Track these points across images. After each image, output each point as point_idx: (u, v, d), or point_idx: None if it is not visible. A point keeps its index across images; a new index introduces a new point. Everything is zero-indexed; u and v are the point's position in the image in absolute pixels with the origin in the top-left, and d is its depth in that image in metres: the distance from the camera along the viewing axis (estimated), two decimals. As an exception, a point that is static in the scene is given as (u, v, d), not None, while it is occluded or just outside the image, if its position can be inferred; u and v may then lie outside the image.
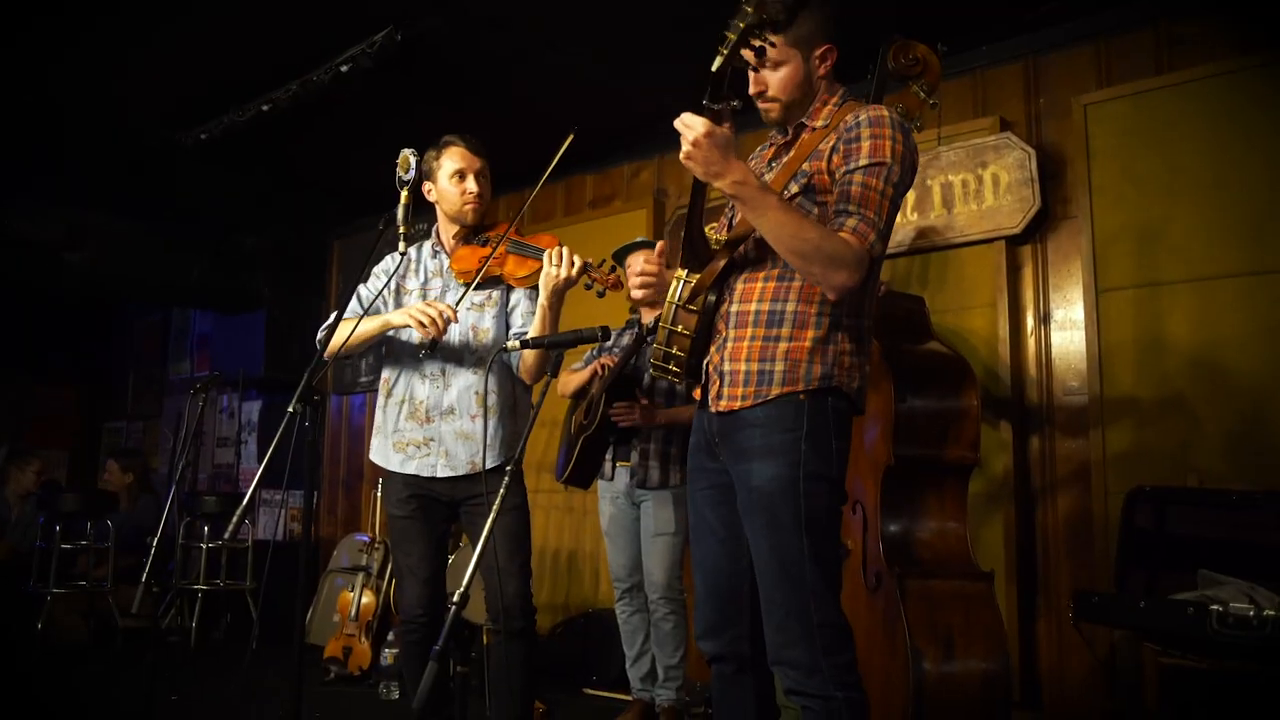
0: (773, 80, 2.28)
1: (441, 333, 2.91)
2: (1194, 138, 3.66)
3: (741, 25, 1.94)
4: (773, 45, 2.16)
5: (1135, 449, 3.71)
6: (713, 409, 2.25)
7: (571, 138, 2.94)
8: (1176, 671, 2.96)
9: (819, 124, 2.28)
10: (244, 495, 2.49)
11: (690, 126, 2.01)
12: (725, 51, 1.95)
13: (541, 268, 2.88)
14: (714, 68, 1.97)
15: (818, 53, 2.28)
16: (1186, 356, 3.63)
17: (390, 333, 3.09)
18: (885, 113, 2.19)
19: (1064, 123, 4.00)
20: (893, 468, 3.19)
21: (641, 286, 2.41)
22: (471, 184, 3.09)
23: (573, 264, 2.84)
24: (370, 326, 2.99)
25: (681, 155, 2.04)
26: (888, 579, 3.09)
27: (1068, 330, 3.97)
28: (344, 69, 4.41)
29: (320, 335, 3.05)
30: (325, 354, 2.86)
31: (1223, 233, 3.58)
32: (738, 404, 2.19)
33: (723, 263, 2.27)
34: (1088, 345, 3.85)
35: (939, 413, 3.31)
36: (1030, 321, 4.06)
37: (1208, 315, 3.59)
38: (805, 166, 2.22)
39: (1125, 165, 3.81)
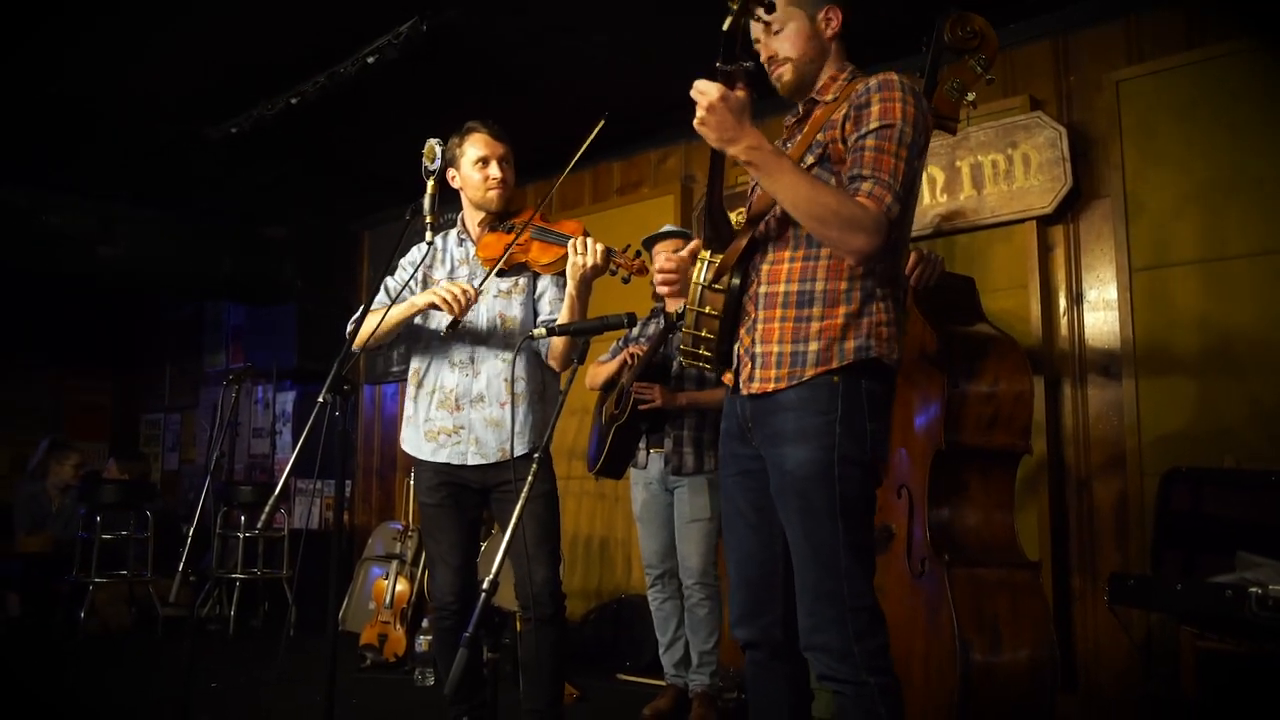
0: (779, 43, 2.27)
1: (463, 311, 2.91)
2: (1227, 113, 3.60)
3: None
4: (773, 8, 2.16)
5: (1171, 430, 3.66)
6: (744, 392, 2.24)
7: (602, 123, 2.93)
8: (1214, 655, 2.93)
9: (829, 98, 2.27)
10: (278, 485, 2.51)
11: (704, 92, 2.01)
12: (735, 7, 1.95)
13: (565, 254, 2.89)
14: (725, 26, 1.96)
15: (822, 13, 2.27)
16: (1223, 335, 3.58)
17: (418, 320, 3.11)
18: (894, 76, 2.17)
19: (1095, 100, 3.95)
20: (943, 453, 3.12)
21: (664, 284, 2.39)
22: (495, 170, 3.09)
23: (598, 252, 2.84)
24: (398, 312, 3.00)
25: (695, 121, 2.04)
26: (935, 565, 3.05)
27: (1101, 310, 3.93)
28: (370, 60, 4.44)
29: (349, 328, 3.07)
30: (354, 345, 2.88)
31: (1259, 209, 3.52)
32: (770, 386, 2.17)
33: (745, 240, 2.25)
34: (1121, 326, 3.81)
35: (991, 397, 3.24)
36: (1063, 302, 4.01)
37: (1245, 294, 3.54)
38: (819, 137, 2.21)
39: (1158, 142, 3.76)
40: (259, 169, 6.34)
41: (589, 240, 2.86)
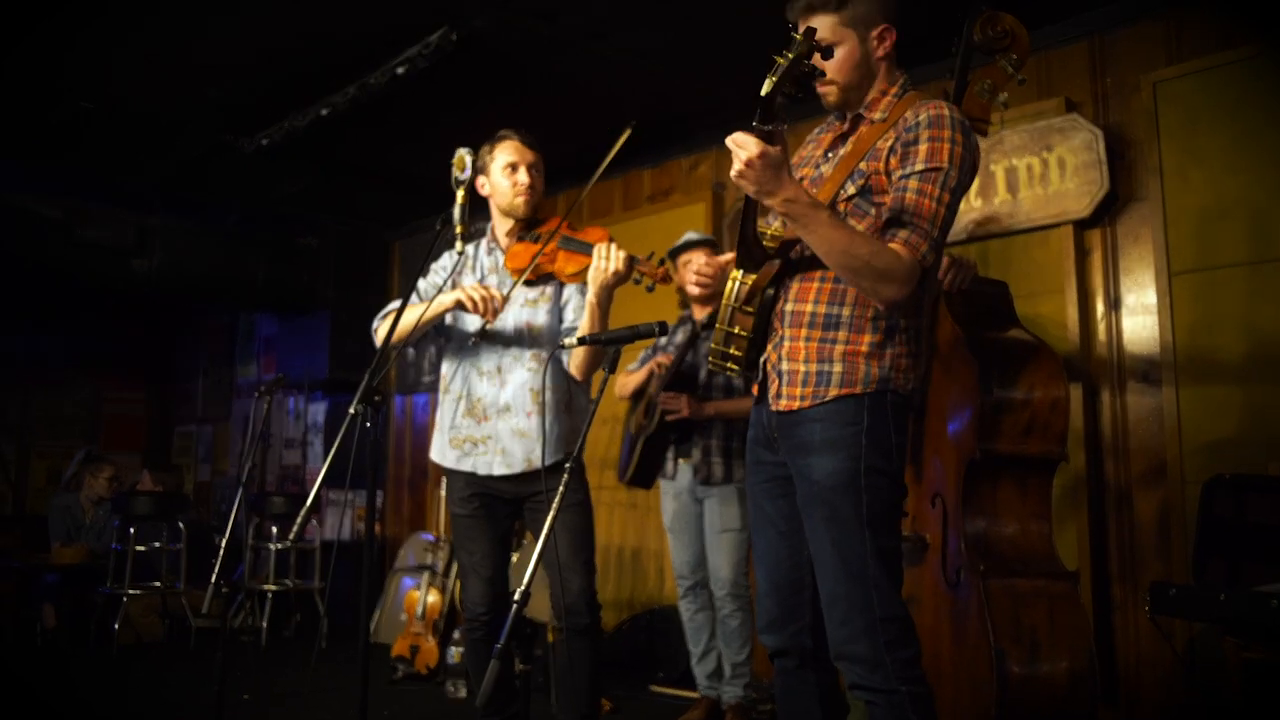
0: (830, 63, 2.21)
1: (491, 315, 2.91)
2: (1268, 113, 3.53)
3: (790, 56, 1.91)
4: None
5: (1213, 436, 3.60)
6: (772, 408, 2.24)
7: (629, 132, 2.91)
8: (1260, 666, 2.87)
9: (877, 116, 2.24)
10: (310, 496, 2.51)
11: (743, 147, 1.99)
12: (775, 79, 1.93)
13: (590, 264, 2.87)
14: (763, 92, 1.94)
15: (875, 33, 2.24)
16: (1264, 339, 3.51)
17: (449, 319, 3.10)
18: (946, 111, 2.14)
19: (1132, 102, 3.89)
20: (978, 461, 3.06)
21: (698, 284, 2.39)
22: (523, 176, 3.09)
23: (620, 259, 2.82)
24: (427, 313, 2.98)
25: (733, 174, 2.02)
26: (970, 575, 2.99)
27: (1139, 315, 3.86)
28: (400, 70, 4.45)
29: (375, 323, 3.07)
30: (384, 342, 2.85)
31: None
32: (796, 404, 2.18)
33: (778, 265, 2.24)
34: (1161, 330, 3.75)
35: (1026, 404, 3.18)
36: (1100, 307, 3.95)
37: (1288, 297, 3.47)
38: (863, 166, 2.19)
39: (1197, 144, 3.69)
40: (291, 180, 6.39)
41: (612, 246, 2.85)
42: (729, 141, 2.01)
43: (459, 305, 2.97)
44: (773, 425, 2.26)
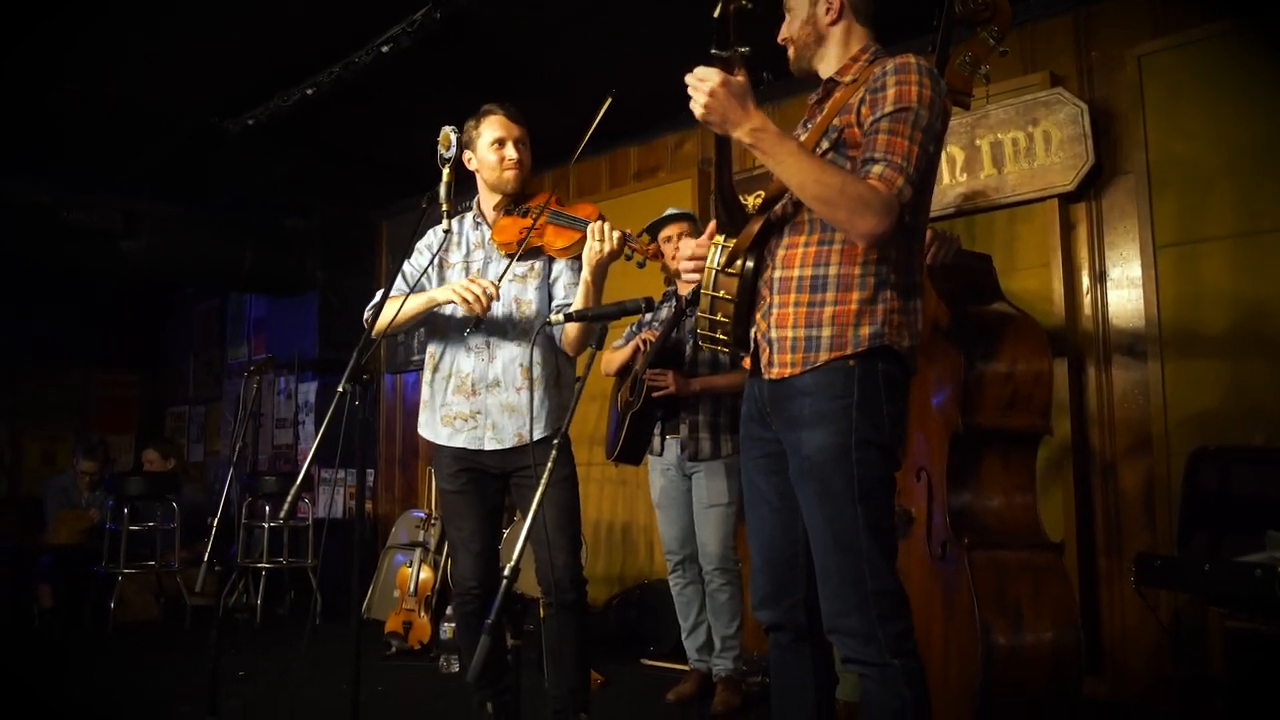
0: (786, 25, 2.32)
1: (485, 310, 2.91)
2: (1259, 84, 3.53)
3: None
4: None
5: (1198, 409, 3.62)
6: (764, 376, 2.23)
7: (610, 101, 2.92)
8: (1243, 635, 2.89)
9: (848, 79, 2.25)
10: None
11: (704, 79, 2.00)
12: None
13: (581, 238, 2.89)
14: (715, 13, 1.95)
15: None
16: (1250, 312, 3.53)
17: (435, 309, 3.11)
18: (912, 59, 2.15)
19: (1117, 76, 3.90)
20: (961, 435, 3.07)
21: (694, 270, 2.37)
22: (511, 150, 3.08)
23: (614, 238, 2.83)
24: (416, 304, 3.01)
25: (698, 113, 2.03)
26: (955, 549, 3.01)
27: (1125, 288, 3.88)
28: (385, 49, 4.43)
29: (367, 314, 3.08)
30: (373, 333, 2.89)
31: (1285, 183, 3.46)
32: (788, 371, 2.17)
33: (759, 225, 2.24)
34: (1146, 303, 3.76)
35: (1009, 378, 3.18)
36: (1086, 280, 3.97)
37: (1271, 269, 3.48)
38: (835, 121, 2.19)
39: (1184, 116, 3.70)
40: (277, 161, 6.37)
41: (605, 226, 2.85)
42: (688, 79, 2.02)
43: (452, 303, 2.97)
44: (764, 398, 2.25)
